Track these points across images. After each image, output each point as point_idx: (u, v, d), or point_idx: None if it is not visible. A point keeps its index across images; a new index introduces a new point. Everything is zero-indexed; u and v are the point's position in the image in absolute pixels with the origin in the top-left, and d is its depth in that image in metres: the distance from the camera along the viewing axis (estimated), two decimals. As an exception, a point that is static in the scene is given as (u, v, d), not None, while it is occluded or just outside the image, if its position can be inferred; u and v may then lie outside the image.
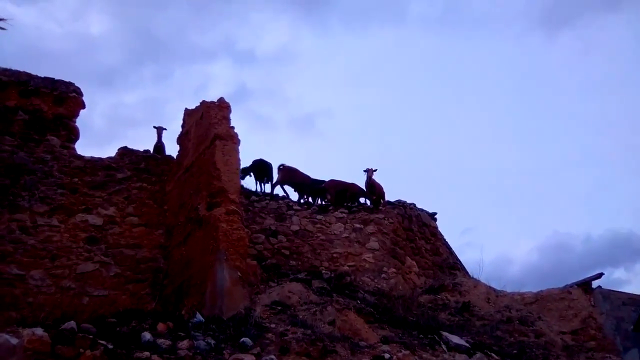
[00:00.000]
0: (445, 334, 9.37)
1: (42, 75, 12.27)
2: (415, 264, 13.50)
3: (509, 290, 13.52)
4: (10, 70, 12.01)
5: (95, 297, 10.63)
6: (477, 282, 13.09)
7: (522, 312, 11.96)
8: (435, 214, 15.37)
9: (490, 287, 13.05)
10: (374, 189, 13.98)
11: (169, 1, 43.13)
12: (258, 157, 13.63)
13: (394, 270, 12.45)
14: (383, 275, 12.23)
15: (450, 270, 14.37)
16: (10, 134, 11.35)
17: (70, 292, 10.48)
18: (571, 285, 13.07)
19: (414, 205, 14.73)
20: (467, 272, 14.70)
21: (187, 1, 43.71)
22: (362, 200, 14.42)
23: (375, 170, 13.84)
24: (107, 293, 10.77)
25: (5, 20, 10.32)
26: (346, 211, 13.32)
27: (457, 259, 15.37)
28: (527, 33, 46.21)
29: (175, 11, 42.88)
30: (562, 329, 11.86)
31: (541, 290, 13.32)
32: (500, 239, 41.39)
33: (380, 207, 13.70)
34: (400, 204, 14.22)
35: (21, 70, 12.16)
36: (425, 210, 15.07)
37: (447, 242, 15.34)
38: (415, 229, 14.22)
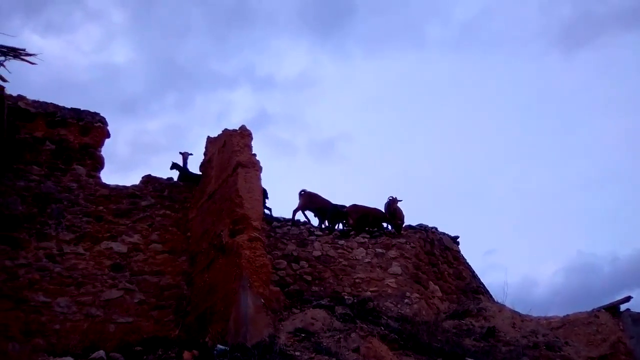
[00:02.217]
0: (470, 360, 9.29)
1: (69, 106, 12.63)
2: (438, 288, 13.42)
3: (534, 314, 13.36)
4: (38, 101, 12.40)
5: (120, 324, 10.75)
6: (501, 307, 12.94)
7: (548, 337, 11.77)
8: (458, 237, 15.30)
9: (515, 311, 12.89)
10: (395, 214, 14.02)
11: (190, 30, 44.19)
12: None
13: (417, 295, 12.39)
14: (406, 300, 12.16)
15: (474, 294, 14.22)
16: (37, 164, 11.68)
17: (96, 319, 10.64)
18: (599, 309, 12.86)
19: (436, 229, 14.69)
20: (491, 296, 14.54)
21: (207, 30, 44.75)
22: (384, 225, 14.42)
23: (400, 201, 13.99)
24: (131, 320, 10.89)
25: (35, 55, 10.83)
26: (368, 236, 13.30)
27: (481, 283, 15.22)
28: (544, 53, 46.23)
29: (196, 40, 43.97)
30: (591, 354, 11.64)
31: (568, 315, 13.12)
32: (523, 260, 40.94)
33: (402, 232, 13.68)
34: (422, 228, 14.17)
35: (49, 101, 12.56)
36: (447, 234, 15.01)
37: (469, 265, 15.23)
38: (437, 253, 14.15)
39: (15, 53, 10.70)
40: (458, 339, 10.84)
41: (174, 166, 13.26)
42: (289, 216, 13.71)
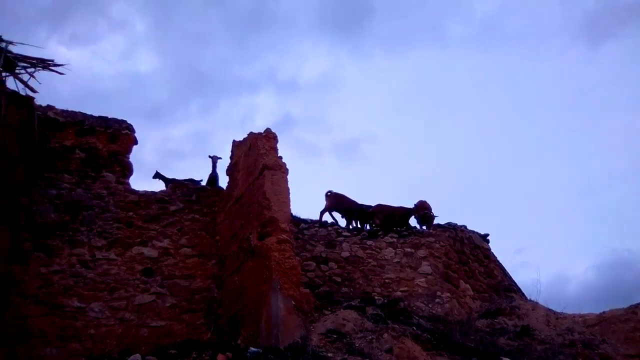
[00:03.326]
0: (505, 359, 9.17)
1: (96, 115, 12.87)
2: (469, 287, 13.27)
3: (568, 311, 13.12)
4: (67, 111, 12.66)
5: (153, 327, 10.93)
6: (535, 304, 12.74)
7: (584, 335, 11.54)
8: (488, 235, 15.12)
9: (549, 309, 12.66)
10: (418, 208, 14.12)
11: (212, 37, 44.62)
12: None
13: (448, 294, 12.26)
14: (437, 300, 12.05)
15: (506, 292, 14.02)
16: (68, 172, 11.92)
17: (129, 323, 10.81)
18: (636, 305, 12.55)
19: (465, 227, 14.52)
20: (523, 294, 14.32)
21: (229, 36, 45.11)
22: (411, 223, 14.37)
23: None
24: (164, 324, 11.07)
25: (62, 65, 11.08)
26: (396, 236, 13.23)
27: (513, 281, 15.01)
28: (568, 47, 45.47)
29: (218, 46, 44.36)
30: (629, 352, 11.36)
31: (604, 312, 12.83)
32: (555, 257, 40.13)
33: (431, 231, 13.60)
34: (450, 227, 14.00)
35: (77, 110, 12.81)
36: (476, 232, 14.85)
37: (500, 263, 15.03)
38: (467, 251, 14.00)
39: (44, 64, 10.98)
40: (492, 338, 10.70)
41: (157, 175, 13.34)
42: (316, 217, 13.73)
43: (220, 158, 13.60)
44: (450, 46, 45.78)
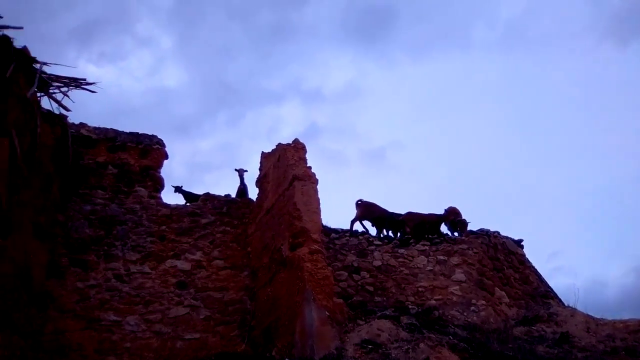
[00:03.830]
0: (546, 368, 8.96)
1: (127, 131, 13.12)
2: (505, 294, 13.04)
3: (608, 317, 12.77)
4: (99, 128, 12.93)
5: (187, 340, 11.01)
6: (573, 311, 12.42)
7: (627, 342, 11.20)
8: (522, 240, 14.85)
9: (588, 315, 12.34)
10: (449, 214, 14.00)
11: (237, 50, 45.06)
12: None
13: (483, 302, 12.08)
14: (472, 308, 11.90)
15: (543, 299, 13.74)
16: (102, 188, 12.15)
17: (164, 336, 10.92)
18: (680, 310, 12.18)
19: (498, 233, 14.31)
20: (560, 300, 14.02)
21: (254, 48, 45.47)
22: (442, 230, 14.22)
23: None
24: (198, 336, 11.14)
25: (94, 83, 11.32)
26: (428, 243, 13.10)
27: (549, 287, 14.70)
28: (596, 46, 44.61)
29: (243, 59, 44.74)
30: (675, 358, 11.00)
31: (647, 317, 12.46)
32: (590, 261, 39.20)
33: (464, 237, 13.44)
34: (483, 233, 13.82)
35: (108, 127, 13.08)
36: (510, 238, 14.61)
37: (536, 269, 14.75)
38: (501, 257, 13.77)
39: (77, 83, 11.23)
40: (530, 346, 10.47)
41: (178, 190, 13.44)
42: (347, 227, 13.67)
43: (246, 171, 13.69)
44: (475, 50, 45.39)
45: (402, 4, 46.61)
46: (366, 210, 13.89)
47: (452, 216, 14.26)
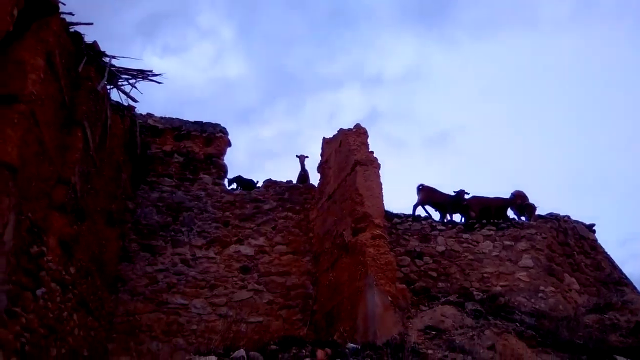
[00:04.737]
0: (620, 358, 8.59)
1: (192, 120, 13.50)
2: (575, 281, 12.57)
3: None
4: (165, 118, 13.36)
5: (251, 323, 11.26)
6: (649, 299, 11.87)
7: None
8: (593, 225, 14.22)
9: (666, 303, 11.76)
10: (516, 198, 13.64)
11: (296, 38, 45.40)
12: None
13: (552, 288, 11.71)
14: (540, 294, 11.55)
15: (616, 286, 13.14)
16: (168, 176, 12.59)
17: (229, 319, 11.21)
18: None
19: (569, 217, 13.78)
20: (635, 288, 13.37)
21: (312, 36, 45.66)
22: (509, 214, 13.86)
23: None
24: (261, 319, 11.44)
25: (160, 75, 11.65)
26: (494, 228, 12.81)
27: (622, 274, 14.03)
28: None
29: (302, 46, 45.01)
30: None
31: None
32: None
33: (532, 222, 13.05)
34: (552, 217, 13.37)
35: (174, 117, 13.49)
36: (581, 222, 14.03)
37: (609, 255, 14.11)
38: (571, 242, 13.27)
39: (144, 75, 11.58)
40: (602, 335, 10.07)
41: (234, 180, 13.39)
42: (409, 212, 13.54)
43: (307, 157, 13.86)
44: (544, 26, 43.41)
45: (463, -19, 45.24)
46: (428, 195, 13.70)
47: (519, 200, 13.90)
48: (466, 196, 13.63)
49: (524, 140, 42.31)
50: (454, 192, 13.69)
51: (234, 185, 13.27)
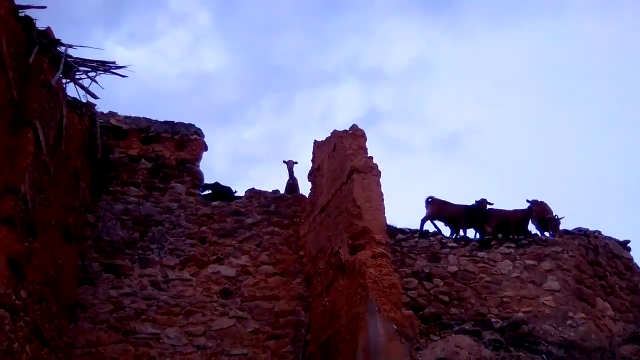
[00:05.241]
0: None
1: (162, 120, 13.46)
2: (608, 306, 12.66)
3: None
4: (130, 117, 13.32)
5: (234, 356, 11.23)
6: (696, 327, 11.97)
7: None
8: (628, 242, 14.33)
9: None
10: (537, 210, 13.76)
11: (284, 26, 45.22)
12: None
13: (582, 315, 11.82)
14: (569, 321, 11.64)
15: (656, 312, 13.28)
16: (134, 185, 12.54)
17: (208, 351, 11.16)
18: None
19: (599, 232, 13.89)
20: (678, 313, 13.50)
21: (303, 23, 45.60)
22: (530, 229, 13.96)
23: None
24: (246, 351, 11.37)
25: (125, 67, 11.64)
26: (513, 245, 12.91)
27: (663, 298, 14.17)
28: None
29: (291, 35, 44.77)
30: None
31: None
32: None
33: (557, 238, 13.13)
34: (581, 232, 13.50)
35: (141, 116, 13.44)
36: (614, 239, 14.13)
37: (647, 276, 14.23)
38: (603, 262, 13.36)
39: (105, 67, 11.56)
40: (642, 368, 10.15)
41: (210, 187, 13.42)
42: (414, 226, 13.58)
43: (296, 162, 13.84)
44: (570, 13, 43.73)
45: (475, -38, 45.59)
46: (438, 208, 13.76)
47: (541, 213, 13.97)
48: (488, 207, 13.70)
49: (548, 143, 42.36)
50: (475, 201, 13.75)
51: (209, 192, 13.22)
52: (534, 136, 43.33)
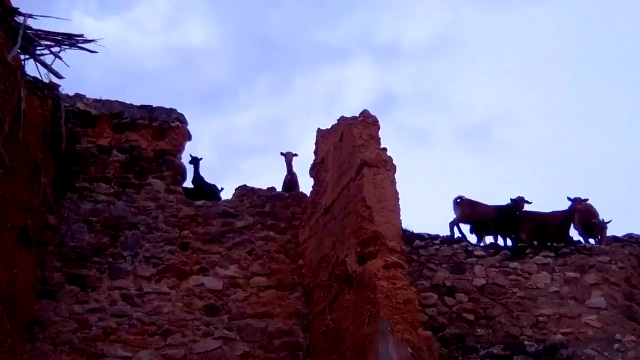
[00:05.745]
0: None
1: (138, 104, 13.39)
2: (665, 327, 12.66)
3: None
4: (100, 100, 13.26)
5: (221, 386, 11.19)
6: None
7: None
8: (688, 251, 14.30)
9: None
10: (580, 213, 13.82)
11: (283, -6, 45.10)
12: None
13: (632, 337, 11.80)
14: (616, 345, 11.62)
15: None
16: (105, 180, 12.47)
17: (188, 378, 11.13)
18: None
19: (654, 240, 13.90)
20: None
21: (305, -9, 45.45)
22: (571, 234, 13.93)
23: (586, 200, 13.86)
24: (234, 380, 11.33)
25: (94, 41, 11.55)
26: (552, 254, 12.95)
27: None
28: None
29: (293, 5, 44.67)
30: None
31: None
32: None
33: (604, 246, 13.08)
34: (632, 240, 13.54)
35: (113, 99, 13.37)
36: (671, 247, 14.12)
37: None
38: (658, 275, 13.38)
39: (71, 41, 11.50)
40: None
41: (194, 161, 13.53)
42: (435, 231, 13.58)
43: (296, 155, 13.87)
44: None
45: None
46: (470, 209, 13.74)
47: (585, 215, 13.91)
48: (526, 206, 13.66)
49: (596, 134, 42.07)
50: (511, 200, 13.69)
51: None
52: (579, 125, 43.02)
